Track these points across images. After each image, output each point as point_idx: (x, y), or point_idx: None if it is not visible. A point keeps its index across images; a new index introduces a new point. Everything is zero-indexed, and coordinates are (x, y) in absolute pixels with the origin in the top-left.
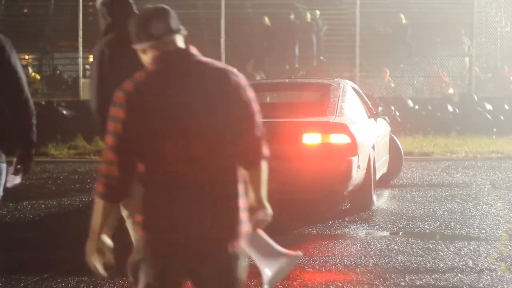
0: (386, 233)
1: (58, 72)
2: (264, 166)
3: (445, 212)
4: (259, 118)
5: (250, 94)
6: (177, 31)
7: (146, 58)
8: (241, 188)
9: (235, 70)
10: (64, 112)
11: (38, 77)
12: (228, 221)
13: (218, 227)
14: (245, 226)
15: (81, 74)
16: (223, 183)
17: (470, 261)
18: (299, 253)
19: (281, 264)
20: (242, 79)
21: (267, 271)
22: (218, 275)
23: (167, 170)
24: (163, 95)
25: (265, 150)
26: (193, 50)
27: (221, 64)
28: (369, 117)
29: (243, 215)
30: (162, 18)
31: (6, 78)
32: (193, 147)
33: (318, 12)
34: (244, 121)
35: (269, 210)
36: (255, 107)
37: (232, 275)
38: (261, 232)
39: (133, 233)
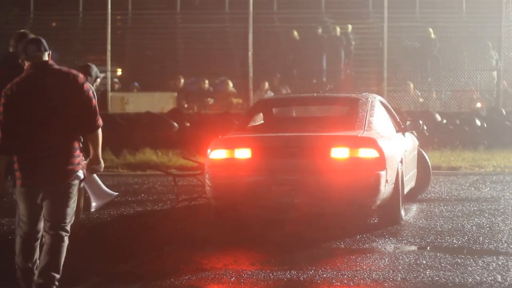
0: (414, 248)
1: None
2: (98, 132)
3: (474, 227)
4: (93, 102)
5: (86, 87)
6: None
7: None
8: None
9: (76, 72)
10: None
11: None
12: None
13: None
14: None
15: (109, 88)
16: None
17: (499, 276)
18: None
19: (105, 200)
20: (80, 77)
21: (94, 201)
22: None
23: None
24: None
25: (99, 122)
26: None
27: (67, 69)
28: (397, 131)
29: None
30: (34, 42)
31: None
32: (43, 122)
33: (350, 26)
34: (82, 105)
35: (102, 163)
36: (90, 95)
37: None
38: (95, 176)
39: None
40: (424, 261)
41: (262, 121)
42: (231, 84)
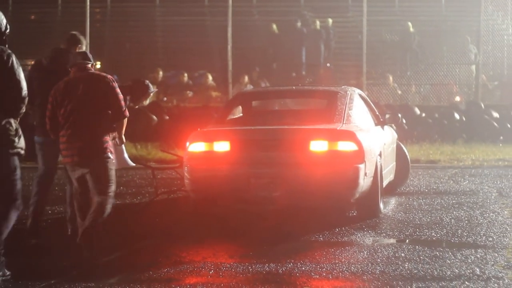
0: (393, 241)
1: None
2: (124, 121)
3: (452, 220)
4: (120, 97)
5: (111, 85)
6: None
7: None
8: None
9: (107, 76)
10: None
11: None
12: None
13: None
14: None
15: None
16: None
17: (477, 269)
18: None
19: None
20: (110, 80)
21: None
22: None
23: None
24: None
25: (125, 113)
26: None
27: (97, 72)
28: (376, 124)
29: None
30: (81, 54)
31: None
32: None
33: (330, 20)
34: (112, 103)
35: (124, 140)
36: (118, 93)
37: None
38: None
39: None
40: (402, 254)
41: (241, 114)
42: (210, 78)
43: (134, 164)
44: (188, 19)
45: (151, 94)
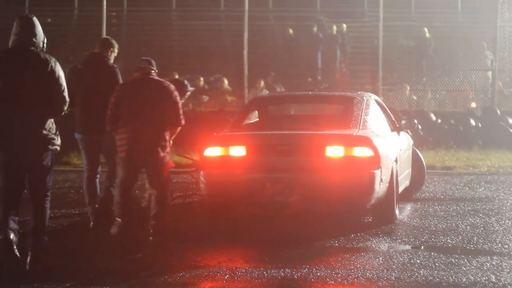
0: (408, 247)
1: None
2: (177, 129)
3: (468, 227)
4: (179, 106)
5: (174, 95)
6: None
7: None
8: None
9: (168, 83)
10: None
11: None
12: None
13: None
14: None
15: None
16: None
17: (493, 276)
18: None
19: None
20: (171, 87)
21: None
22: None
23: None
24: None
25: (182, 121)
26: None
27: (160, 79)
28: (392, 130)
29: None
30: (146, 60)
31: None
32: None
33: (345, 26)
34: (170, 106)
35: (170, 143)
36: (177, 100)
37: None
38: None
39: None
40: (418, 261)
41: (257, 119)
42: (226, 82)
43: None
44: (204, 23)
45: (189, 93)
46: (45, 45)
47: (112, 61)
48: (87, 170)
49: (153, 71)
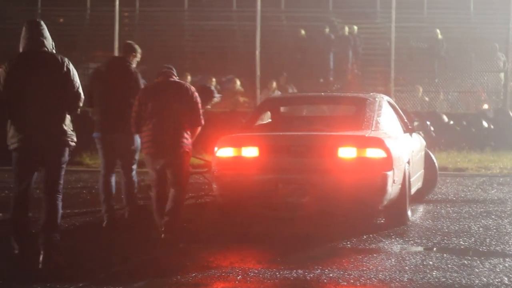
0: (420, 249)
1: None
2: (198, 129)
3: (480, 228)
4: (199, 107)
5: (194, 96)
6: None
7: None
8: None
9: (188, 85)
10: None
11: None
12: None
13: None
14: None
15: None
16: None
17: (506, 278)
18: None
19: None
20: (191, 89)
21: None
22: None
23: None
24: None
25: (201, 121)
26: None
27: (181, 81)
28: (405, 131)
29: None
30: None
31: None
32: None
33: (356, 27)
34: (190, 107)
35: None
36: (197, 100)
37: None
38: None
39: None
40: (430, 262)
41: (270, 120)
42: (238, 83)
43: None
44: (216, 24)
45: (215, 99)
46: (54, 48)
47: (134, 65)
48: (103, 169)
49: (173, 74)
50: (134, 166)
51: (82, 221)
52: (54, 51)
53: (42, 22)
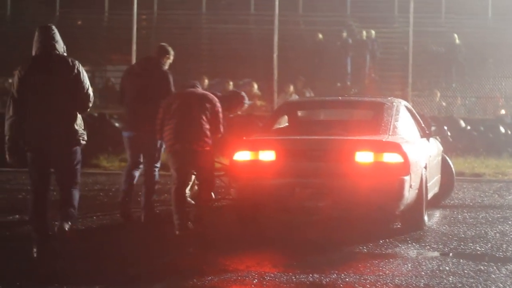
0: (437, 254)
1: (110, 84)
2: (217, 136)
3: (497, 234)
4: (220, 116)
5: (216, 105)
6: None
7: None
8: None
9: (210, 94)
10: (116, 124)
11: None
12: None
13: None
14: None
15: None
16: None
17: None
18: None
19: None
20: (213, 98)
21: None
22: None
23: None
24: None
25: (221, 129)
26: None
27: (205, 91)
28: (422, 136)
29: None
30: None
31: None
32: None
33: (373, 32)
34: (212, 114)
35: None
36: (219, 110)
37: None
38: None
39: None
40: (447, 268)
41: (287, 124)
42: (255, 86)
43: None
44: (234, 27)
45: (246, 105)
46: (65, 51)
47: (167, 67)
48: (129, 164)
49: (198, 86)
50: (157, 165)
51: (99, 223)
52: (65, 54)
53: (53, 27)
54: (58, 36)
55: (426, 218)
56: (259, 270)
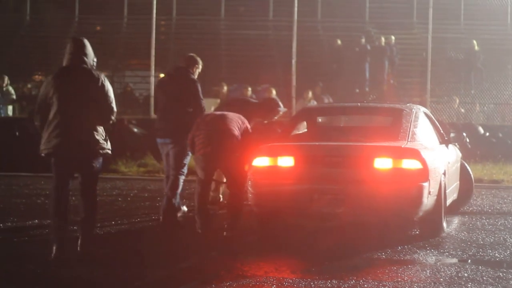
0: (455, 260)
1: (129, 89)
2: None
3: None
4: (250, 138)
5: (247, 128)
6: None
7: None
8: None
9: (242, 118)
10: (135, 130)
11: None
12: None
13: None
14: None
15: (152, 93)
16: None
17: None
18: None
19: None
20: (245, 121)
21: None
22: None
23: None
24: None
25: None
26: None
27: (234, 117)
28: (441, 143)
29: None
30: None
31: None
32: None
33: (393, 37)
34: (243, 135)
35: None
36: (248, 131)
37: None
38: None
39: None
40: (465, 274)
41: (305, 130)
42: (274, 92)
43: None
44: (253, 33)
45: (281, 112)
46: (95, 63)
47: (196, 76)
48: (166, 170)
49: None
50: (183, 170)
51: (117, 229)
52: (94, 65)
53: (85, 40)
54: (87, 49)
55: (444, 224)
56: (277, 275)
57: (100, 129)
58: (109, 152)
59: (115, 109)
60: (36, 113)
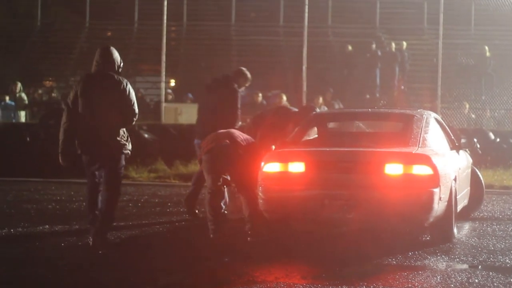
0: (466, 266)
1: (140, 95)
2: None
3: None
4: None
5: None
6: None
7: None
8: None
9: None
10: (145, 135)
11: None
12: None
13: None
14: None
15: (163, 98)
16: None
17: None
18: None
19: None
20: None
21: None
22: None
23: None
24: None
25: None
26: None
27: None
28: (452, 148)
29: None
30: None
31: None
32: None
33: (405, 43)
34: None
35: None
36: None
37: None
38: None
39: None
40: (476, 280)
41: (316, 135)
42: (284, 98)
43: None
44: (263, 39)
45: None
46: (121, 68)
47: (242, 89)
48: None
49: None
50: None
51: (128, 234)
52: (121, 69)
53: (111, 48)
54: (112, 57)
55: (455, 230)
56: (288, 281)
57: (122, 130)
58: (129, 152)
59: (136, 111)
60: (64, 115)
